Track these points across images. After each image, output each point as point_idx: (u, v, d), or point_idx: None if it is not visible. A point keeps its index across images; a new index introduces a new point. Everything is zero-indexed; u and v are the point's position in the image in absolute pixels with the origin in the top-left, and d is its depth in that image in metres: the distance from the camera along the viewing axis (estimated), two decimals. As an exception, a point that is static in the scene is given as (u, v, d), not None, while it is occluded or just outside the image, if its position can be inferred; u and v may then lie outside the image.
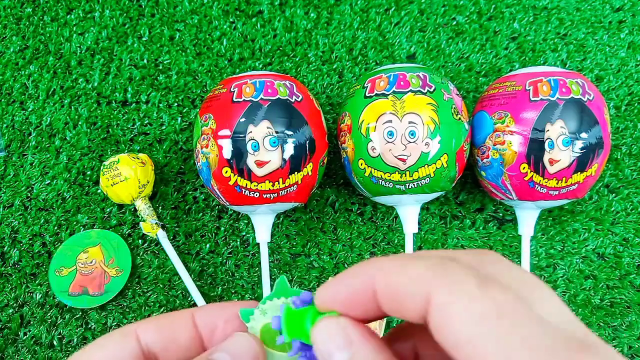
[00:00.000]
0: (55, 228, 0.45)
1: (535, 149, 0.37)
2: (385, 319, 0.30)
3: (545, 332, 0.12)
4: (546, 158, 0.37)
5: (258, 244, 0.43)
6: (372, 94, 0.38)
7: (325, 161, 0.41)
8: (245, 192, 0.38)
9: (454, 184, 0.41)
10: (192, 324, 0.19)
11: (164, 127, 0.48)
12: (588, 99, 0.37)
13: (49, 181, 0.46)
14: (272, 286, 0.42)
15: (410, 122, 0.37)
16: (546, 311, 0.13)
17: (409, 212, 0.41)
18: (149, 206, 0.44)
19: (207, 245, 0.45)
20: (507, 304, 0.13)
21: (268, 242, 0.42)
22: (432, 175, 0.38)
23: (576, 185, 0.38)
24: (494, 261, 0.15)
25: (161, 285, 0.44)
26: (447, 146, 0.37)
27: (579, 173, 0.37)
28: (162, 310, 0.43)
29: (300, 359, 0.17)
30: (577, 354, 0.12)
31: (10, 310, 0.43)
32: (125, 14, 0.51)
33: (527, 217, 0.42)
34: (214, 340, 0.19)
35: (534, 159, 0.37)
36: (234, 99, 0.38)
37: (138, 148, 0.47)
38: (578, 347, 0.12)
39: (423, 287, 0.14)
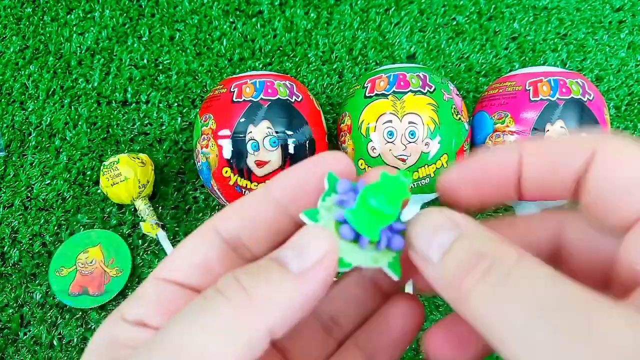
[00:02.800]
0: (55, 228, 0.45)
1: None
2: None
3: None
4: (546, 158, 0.37)
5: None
6: (372, 94, 0.38)
7: (325, 161, 0.41)
8: (245, 192, 0.38)
9: (454, 184, 0.41)
10: (271, 200, 0.16)
11: (164, 127, 0.48)
12: (588, 99, 0.37)
13: (49, 181, 0.46)
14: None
15: (410, 122, 0.37)
16: None
17: (408, 212, 0.41)
18: (149, 206, 0.44)
19: (207, 245, 0.45)
20: None
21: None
22: (432, 175, 0.38)
23: (576, 185, 0.38)
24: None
25: (161, 285, 0.44)
26: (447, 146, 0.37)
27: (579, 173, 0.37)
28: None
29: (379, 245, 0.16)
30: None
31: (10, 310, 0.43)
32: (125, 14, 0.51)
33: (527, 217, 0.42)
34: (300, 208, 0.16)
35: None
36: (234, 99, 0.38)
37: (138, 148, 0.47)
38: None
39: (589, 144, 0.14)
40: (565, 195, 0.14)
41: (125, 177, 0.42)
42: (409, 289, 0.43)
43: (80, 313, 0.43)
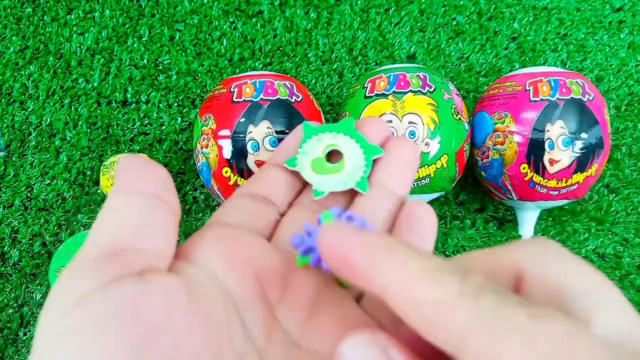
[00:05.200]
0: (55, 228, 0.45)
1: (535, 149, 0.37)
2: None
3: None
4: (546, 158, 0.37)
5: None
6: (372, 94, 0.38)
7: (325, 161, 0.41)
8: (245, 192, 0.38)
9: (454, 184, 0.41)
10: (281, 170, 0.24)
11: (164, 127, 0.48)
12: (588, 99, 0.37)
13: (49, 181, 0.46)
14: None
15: (410, 122, 0.37)
16: (607, 323, 0.12)
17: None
18: (149, 206, 0.44)
19: (207, 245, 0.45)
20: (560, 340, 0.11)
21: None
22: (432, 175, 0.38)
23: (576, 185, 0.38)
24: (539, 252, 0.14)
25: (161, 285, 0.44)
26: (447, 146, 0.37)
27: (579, 173, 0.37)
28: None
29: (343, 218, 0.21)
30: None
31: (10, 310, 0.43)
32: (125, 14, 0.51)
33: (527, 217, 0.42)
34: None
35: (534, 159, 0.37)
36: (234, 99, 0.38)
37: (138, 148, 0.47)
38: None
39: (510, 269, 0.14)
40: None
41: (125, 177, 0.42)
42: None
43: (80, 313, 0.43)
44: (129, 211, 0.16)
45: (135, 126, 0.48)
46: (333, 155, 0.25)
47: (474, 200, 0.46)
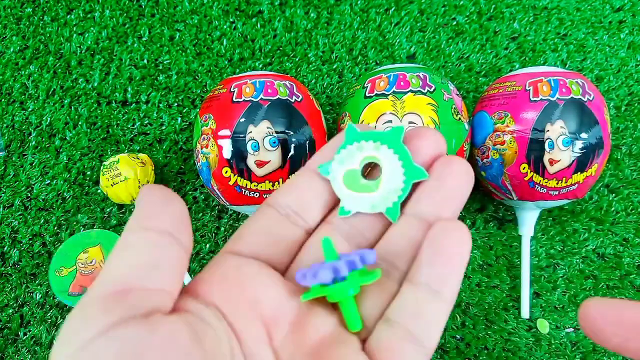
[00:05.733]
0: (55, 228, 0.45)
1: (535, 149, 0.37)
2: None
3: None
4: (546, 158, 0.37)
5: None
6: (372, 94, 0.38)
7: (325, 161, 0.41)
8: (245, 192, 0.38)
9: (454, 184, 0.41)
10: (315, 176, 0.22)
11: (164, 127, 0.48)
12: (588, 99, 0.37)
13: (49, 181, 0.46)
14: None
15: (410, 122, 0.37)
16: None
17: None
18: (149, 206, 0.44)
19: (207, 246, 0.45)
20: None
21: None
22: (432, 175, 0.38)
23: (576, 185, 0.38)
24: None
25: (161, 285, 0.44)
26: (447, 146, 0.37)
27: (579, 173, 0.37)
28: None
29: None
30: None
31: (10, 310, 0.43)
32: (125, 14, 0.51)
33: (527, 217, 0.42)
34: None
35: (533, 159, 0.37)
36: (234, 99, 0.38)
37: (138, 148, 0.47)
38: None
39: None
40: None
41: (125, 177, 0.42)
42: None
43: (80, 313, 0.43)
44: (142, 249, 0.17)
45: (135, 126, 0.48)
46: (372, 169, 0.22)
47: (474, 200, 0.46)
